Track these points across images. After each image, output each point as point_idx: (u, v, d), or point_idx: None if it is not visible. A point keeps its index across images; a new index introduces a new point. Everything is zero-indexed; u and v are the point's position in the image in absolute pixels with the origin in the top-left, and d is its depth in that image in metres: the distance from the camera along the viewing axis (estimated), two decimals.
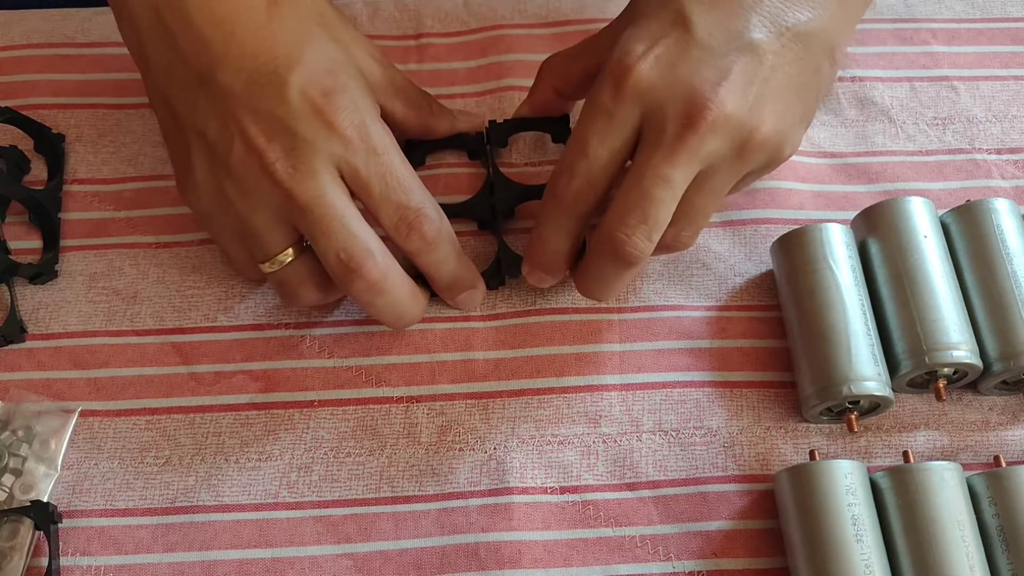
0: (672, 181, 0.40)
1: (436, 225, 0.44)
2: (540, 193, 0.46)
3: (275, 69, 0.41)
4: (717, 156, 0.41)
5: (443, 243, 0.45)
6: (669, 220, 0.42)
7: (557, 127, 0.52)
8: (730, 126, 0.40)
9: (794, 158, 0.53)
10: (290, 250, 0.43)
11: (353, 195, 0.43)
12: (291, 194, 0.41)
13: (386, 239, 0.44)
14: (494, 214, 0.50)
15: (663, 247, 0.44)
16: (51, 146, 0.53)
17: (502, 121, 0.52)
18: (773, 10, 0.41)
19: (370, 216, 0.43)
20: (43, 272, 0.49)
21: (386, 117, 0.46)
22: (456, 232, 0.51)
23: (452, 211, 0.50)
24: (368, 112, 0.43)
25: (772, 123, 0.41)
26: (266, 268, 0.44)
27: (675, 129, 0.40)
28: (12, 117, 0.51)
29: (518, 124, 0.52)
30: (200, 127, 0.42)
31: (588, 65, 0.46)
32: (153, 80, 0.44)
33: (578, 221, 0.44)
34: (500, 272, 0.49)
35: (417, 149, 0.52)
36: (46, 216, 0.51)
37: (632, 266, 0.43)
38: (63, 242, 0.51)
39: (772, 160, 0.43)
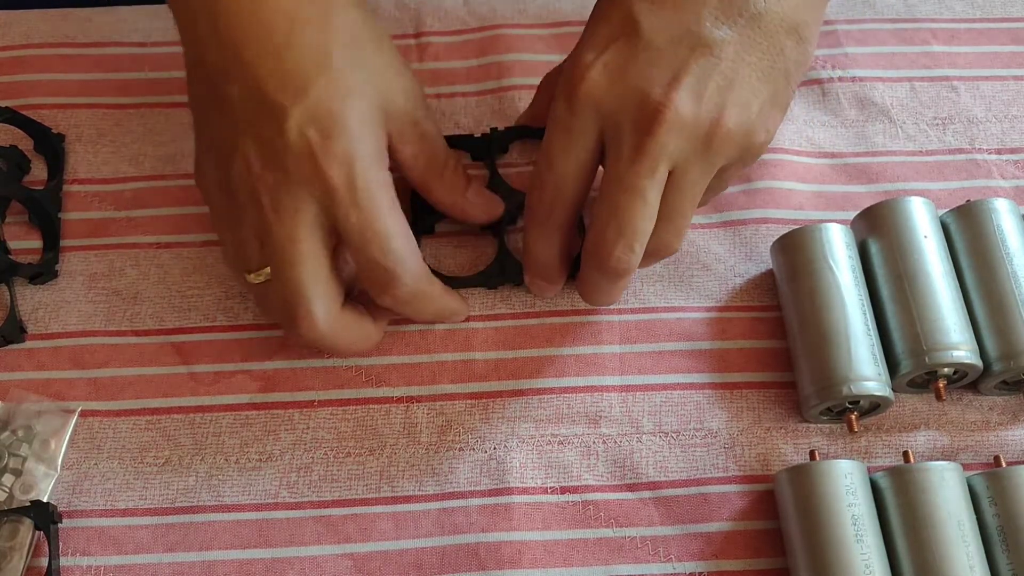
0: (640, 189, 0.40)
1: (407, 288, 0.42)
2: None
3: (280, 99, 0.40)
4: (682, 156, 0.40)
5: (414, 301, 0.44)
6: (650, 227, 0.41)
7: (476, 145, 0.52)
8: (687, 125, 0.40)
9: (794, 158, 0.53)
10: (269, 268, 0.42)
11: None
12: (269, 226, 0.41)
13: None
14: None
15: (651, 254, 0.44)
16: (51, 146, 0.52)
17: (503, 129, 0.52)
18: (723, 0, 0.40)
19: None
20: (43, 272, 0.49)
21: (392, 153, 0.44)
22: (456, 231, 0.51)
23: None
24: (364, 159, 0.41)
25: (735, 114, 0.40)
26: (250, 279, 0.43)
27: (633, 137, 0.40)
28: (12, 117, 0.51)
29: (518, 132, 0.52)
30: (211, 131, 0.42)
31: None
32: (188, 71, 0.44)
33: (558, 230, 0.45)
34: (501, 273, 0.49)
35: None
36: (46, 216, 0.51)
37: (622, 277, 0.43)
38: (63, 242, 0.51)
39: (746, 151, 0.42)
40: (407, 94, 0.44)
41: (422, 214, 0.50)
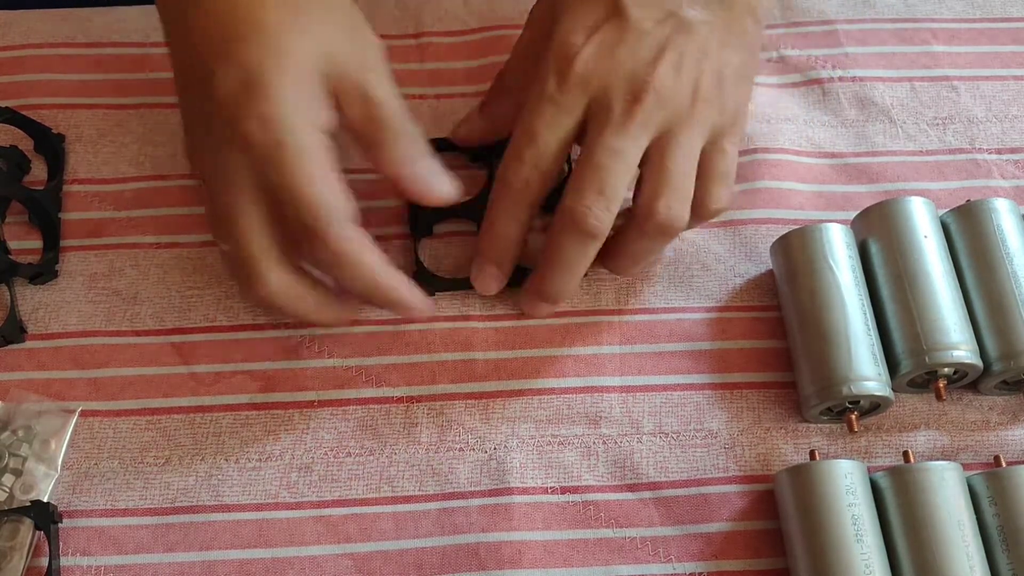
0: (622, 152, 0.43)
1: (331, 248, 0.42)
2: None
3: (209, 62, 0.41)
4: (667, 123, 0.43)
5: (340, 264, 0.43)
6: (624, 191, 0.43)
7: (473, 148, 0.52)
8: (670, 96, 0.43)
9: (794, 158, 0.53)
10: None
11: None
12: (214, 196, 0.42)
13: None
14: None
15: (662, 231, 0.44)
16: (51, 146, 0.52)
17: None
18: None
19: None
20: (43, 272, 0.49)
21: (341, 116, 0.44)
22: (455, 232, 0.51)
23: (451, 212, 0.50)
24: (289, 119, 0.41)
25: (709, 81, 0.44)
26: (221, 244, 0.44)
27: (621, 107, 0.43)
28: (12, 117, 0.51)
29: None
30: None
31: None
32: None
33: (528, 208, 0.45)
34: None
35: None
36: (46, 216, 0.51)
37: (594, 239, 0.44)
38: (63, 242, 0.51)
39: (724, 115, 0.45)
40: (356, 56, 0.44)
41: (421, 215, 0.50)
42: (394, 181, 0.46)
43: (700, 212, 0.46)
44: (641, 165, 0.44)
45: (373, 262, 0.44)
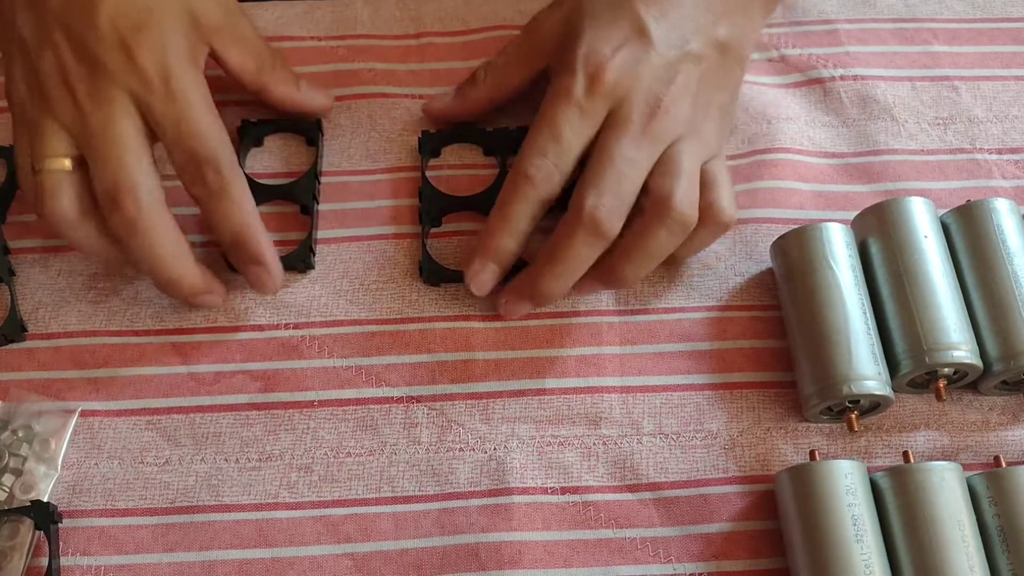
0: (638, 162, 0.45)
1: (224, 176, 0.45)
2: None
3: None
4: (677, 136, 0.46)
5: (227, 198, 0.45)
6: (634, 199, 0.45)
7: (489, 140, 0.53)
8: (680, 114, 0.46)
9: (795, 157, 0.53)
10: (68, 161, 0.44)
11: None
12: (84, 116, 0.43)
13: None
14: None
15: (682, 220, 0.45)
16: None
17: (515, 128, 0.52)
18: (705, 24, 0.48)
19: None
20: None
21: (222, 63, 0.48)
22: (462, 228, 0.51)
23: (459, 203, 0.50)
24: (178, 54, 0.44)
25: (708, 110, 0.48)
26: (39, 165, 0.44)
27: (640, 120, 0.45)
28: None
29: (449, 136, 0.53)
30: (19, 32, 0.44)
31: (533, 71, 0.50)
32: None
33: (541, 205, 0.46)
34: None
35: (432, 139, 0.52)
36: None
37: (605, 240, 0.45)
38: (60, 241, 0.51)
39: (717, 142, 0.49)
40: (219, 8, 0.47)
41: (430, 205, 0.50)
42: (289, 105, 0.52)
43: (717, 218, 0.46)
44: (649, 176, 0.46)
45: (251, 208, 0.46)
